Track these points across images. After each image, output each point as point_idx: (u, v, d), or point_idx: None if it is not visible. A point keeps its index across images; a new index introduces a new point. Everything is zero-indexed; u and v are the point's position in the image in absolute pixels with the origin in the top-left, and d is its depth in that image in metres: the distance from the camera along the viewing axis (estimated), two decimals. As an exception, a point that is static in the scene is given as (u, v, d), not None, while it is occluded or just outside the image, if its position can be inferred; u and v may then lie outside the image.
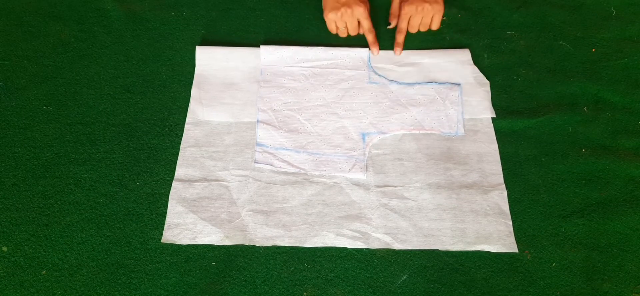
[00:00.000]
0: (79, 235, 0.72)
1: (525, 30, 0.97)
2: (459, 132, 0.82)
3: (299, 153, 0.80)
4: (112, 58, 0.92)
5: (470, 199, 0.76)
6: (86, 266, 0.70)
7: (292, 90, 0.88)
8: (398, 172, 0.79)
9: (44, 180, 0.77)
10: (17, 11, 0.98)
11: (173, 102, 0.86)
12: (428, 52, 0.93)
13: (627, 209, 0.75)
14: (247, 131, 0.83)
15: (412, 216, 0.74)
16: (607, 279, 0.70)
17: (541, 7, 1.00)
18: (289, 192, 0.77)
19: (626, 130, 0.83)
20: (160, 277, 0.69)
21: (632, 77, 0.90)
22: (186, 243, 0.72)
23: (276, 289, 0.69)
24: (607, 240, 0.73)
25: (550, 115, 0.84)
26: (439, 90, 0.87)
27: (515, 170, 0.79)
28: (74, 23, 0.96)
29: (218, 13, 0.99)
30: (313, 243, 0.72)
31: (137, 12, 0.98)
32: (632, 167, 0.79)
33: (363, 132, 0.83)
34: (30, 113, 0.84)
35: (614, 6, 1.00)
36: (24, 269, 0.70)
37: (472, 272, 0.70)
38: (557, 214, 0.75)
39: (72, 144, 0.81)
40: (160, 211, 0.75)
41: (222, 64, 0.90)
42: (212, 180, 0.78)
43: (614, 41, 0.95)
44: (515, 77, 0.90)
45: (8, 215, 0.74)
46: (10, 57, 0.91)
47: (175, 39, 0.95)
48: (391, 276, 0.70)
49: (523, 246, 0.72)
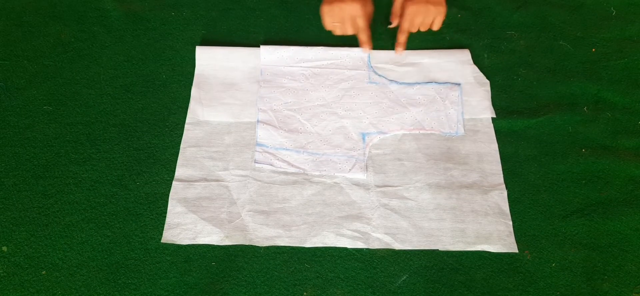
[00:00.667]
0: (79, 235, 0.72)
1: (525, 30, 0.97)
2: (459, 132, 0.82)
3: (299, 153, 0.80)
4: (112, 58, 0.92)
5: (470, 199, 0.76)
6: (86, 266, 0.70)
7: (292, 90, 0.88)
8: (398, 172, 0.79)
9: (44, 180, 0.77)
10: (17, 11, 0.98)
11: (173, 102, 0.86)
12: (428, 52, 0.93)
13: (627, 209, 0.75)
14: (247, 131, 0.83)
15: (412, 216, 0.74)
16: (607, 279, 0.70)
17: (541, 7, 1.00)
18: (289, 192, 0.77)
19: (626, 130, 0.83)
20: (160, 277, 0.69)
21: (632, 77, 0.90)
22: (186, 243, 0.72)
23: (276, 289, 0.69)
24: (607, 240, 0.73)
25: (550, 115, 0.84)
26: (439, 90, 0.87)
27: (515, 170, 0.79)
28: (74, 23, 0.96)
29: (218, 13, 0.99)
30: (313, 243, 0.72)
31: (137, 12, 0.98)
32: (632, 167, 0.79)
33: (363, 132, 0.83)
34: (30, 113, 0.84)
35: (614, 6, 1.00)
36: (24, 269, 0.70)
37: (472, 272, 0.70)
38: (557, 214, 0.75)
39: (72, 144, 0.81)
40: (160, 211, 0.75)
41: (222, 64, 0.90)
42: (212, 180, 0.78)
43: (614, 41, 0.95)
44: (515, 77, 0.90)
45: (8, 215, 0.74)
46: (10, 57, 0.91)
47: (175, 39, 0.95)
48: (391, 276, 0.70)
49: (523, 246, 0.72)
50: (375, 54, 0.92)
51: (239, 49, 0.92)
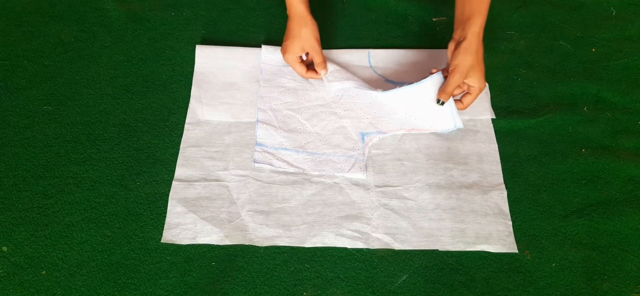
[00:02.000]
0: (79, 235, 0.72)
1: (525, 30, 0.97)
2: (457, 125, 0.81)
3: (299, 153, 0.80)
4: (112, 58, 0.92)
5: (470, 199, 0.76)
6: (86, 266, 0.70)
7: (291, 90, 0.87)
8: (398, 172, 0.79)
9: (44, 180, 0.77)
10: (17, 11, 0.98)
11: (173, 102, 0.86)
12: (428, 51, 0.93)
13: (627, 209, 0.75)
14: (247, 131, 0.83)
15: (412, 216, 0.74)
16: (607, 279, 0.70)
17: (541, 7, 1.00)
18: (289, 192, 0.77)
19: (626, 130, 0.83)
20: (160, 277, 0.69)
21: (632, 77, 0.90)
22: (186, 243, 0.72)
23: (276, 289, 0.69)
24: (607, 240, 0.73)
25: (550, 115, 0.84)
26: (428, 91, 0.84)
27: (515, 170, 0.79)
28: (74, 23, 0.96)
29: (218, 13, 0.99)
30: (313, 243, 0.72)
31: (137, 12, 0.98)
32: (632, 167, 0.79)
33: (362, 132, 0.83)
34: (30, 113, 0.84)
35: (614, 6, 1.00)
36: (24, 269, 0.70)
37: (472, 272, 0.70)
38: (557, 214, 0.75)
39: (72, 144, 0.81)
40: (160, 211, 0.75)
41: (222, 64, 0.90)
42: (212, 180, 0.78)
43: (614, 41, 0.95)
44: (515, 77, 0.90)
45: (8, 215, 0.74)
46: (10, 57, 0.91)
47: (175, 39, 0.95)
48: (391, 276, 0.70)
49: (523, 246, 0.72)
50: (375, 53, 0.92)
51: (239, 48, 0.92)
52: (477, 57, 0.78)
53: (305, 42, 0.84)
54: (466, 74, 0.78)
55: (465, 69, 0.77)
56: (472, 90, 0.80)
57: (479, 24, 0.78)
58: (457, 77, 0.78)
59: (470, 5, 0.79)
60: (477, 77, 0.78)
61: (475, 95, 0.80)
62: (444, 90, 0.79)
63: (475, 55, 0.77)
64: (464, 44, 0.77)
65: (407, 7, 1.00)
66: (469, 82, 0.79)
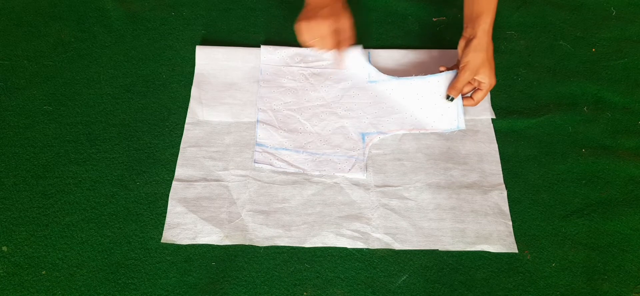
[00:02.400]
0: (79, 235, 0.72)
1: (525, 30, 0.97)
2: (459, 126, 0.82)
3: (299, 153, 0.80)
4: (112, 58, 0.92)
5: (470, 199, 0.76)
6: (86, 266, 0.70)
7: (291, 90, 0.87)
8: (398, 172, 0.79)
9: (44, 180, 0.77)
10: (17, 11, 0.98)
11: (173, 102, 0.86)
12: (428, 51, 0.93)
13: (627, 209, 0.75)
14: (247, 131, 0.83)
15: (412, 216, 0.74)
16: (607, 279, 0.70)
17: (541, 7, 1.00)
18: (289, 192, 0.77)
19: (626, 130, 0.83)
20: (160, 277, 0.69)
21: (632, 77, 0.90)
22: (186, 243, 0.72)
23: (276, 289, 0.69)
24: (607, 240, 0.73)
25: (550, 115, 0.84)
26: (438, 86, 0.84)
27: (515, 170, 0.79)
28: (74, 23, 0.96)
29: (218, 13, 0.99)
30: (313, 243, 0.72)
31: (137, 12, 0.98)
32: (632, 167, 0.79)
33: (363, 132, 0.83)
34: (30, 113, 0.84)
35: (614, 6, 1.00)
36: (24, 269, 0.70)
37: (472, 272, 0.70)
38: (557, 214, 0.75)
39: (72, 144, 0.81)
40: (160, 211, 0.75)
41: (222, 64, 0.90)
42: (212, 180, 0.78)
43: (614, 41, 0.95)
44: (515, 77, 0.90)
45: (8, 215, 0.74)
46: (10, 57, 0.91)
47: (175, 39, 0.95)
48: (391, 276, 0.70)
49: (523, 246, 0.72)
50: (375, 53, 0.92)
51: (239, 48, 0.92)
52: (487, 54, 0.79)
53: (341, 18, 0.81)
54: (476, 71, 0.79)
55: (475, 66, 0.78)
56: (482, 86, 0.81)
57: (488, 21, 0.79)
58: (468, 74, 0.79)
59: (479, 4, 0.80)
60: (488, 73, 0.79)
61: (486, 91, 0.81)
62: (454, 87, 0.81)
63: (486, 53, 0.79)
64: (474, 41, 0.79)
65: (407, 7, 1.00)
66: (480, 79, 0.80)
